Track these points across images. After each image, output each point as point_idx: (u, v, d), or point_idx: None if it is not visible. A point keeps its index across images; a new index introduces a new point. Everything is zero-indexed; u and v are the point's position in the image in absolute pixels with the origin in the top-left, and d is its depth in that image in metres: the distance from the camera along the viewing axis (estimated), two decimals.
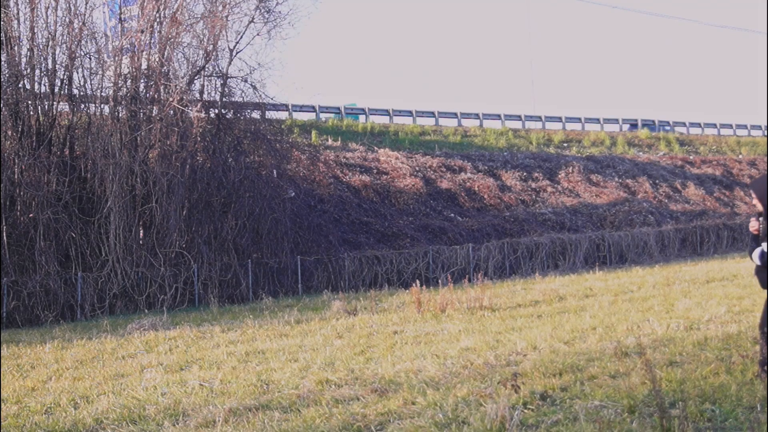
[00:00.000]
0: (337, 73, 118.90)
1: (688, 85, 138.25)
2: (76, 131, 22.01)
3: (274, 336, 13.21)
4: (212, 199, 22.05)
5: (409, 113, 39.75)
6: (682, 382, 7.64)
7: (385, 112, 39.32)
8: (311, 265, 23.18)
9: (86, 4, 22.05)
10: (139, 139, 21.24)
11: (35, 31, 21.25)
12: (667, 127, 47.87)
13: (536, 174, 35.01)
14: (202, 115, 22.21)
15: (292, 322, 14.87)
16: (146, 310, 19.22)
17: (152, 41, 22.05)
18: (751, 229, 7.74)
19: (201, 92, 23.28)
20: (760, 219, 7.71)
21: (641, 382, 7.60)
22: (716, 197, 38.83)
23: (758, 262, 7.49)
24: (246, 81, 23.55)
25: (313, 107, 36.50)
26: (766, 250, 7.53)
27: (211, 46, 22.86)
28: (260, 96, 23.80)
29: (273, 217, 22.67)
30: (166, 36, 22.09)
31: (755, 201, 7.72)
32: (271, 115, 26.50)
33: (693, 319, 12.32)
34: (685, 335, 10.80)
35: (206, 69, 23.07)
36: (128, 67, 21.98)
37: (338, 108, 37.95)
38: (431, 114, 40.57)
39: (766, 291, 7.53)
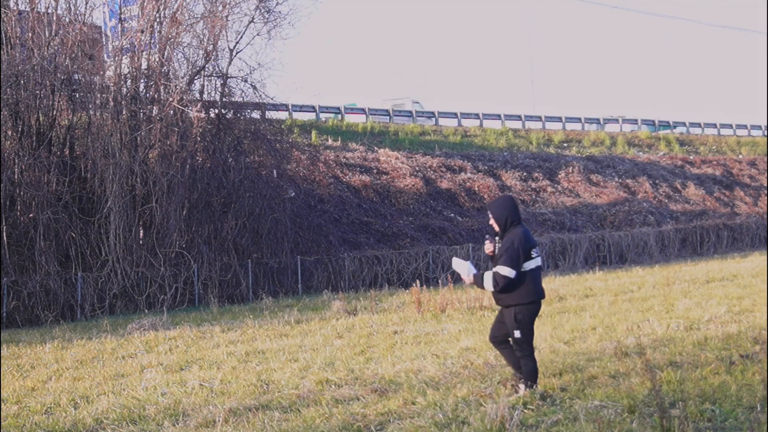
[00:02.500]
0: (337, 73, 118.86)
1: (688, 85, 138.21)
2: (76, 131, 22.00)
3: (274, 336, 13.21)
4: (212, 199, 22.04)
5: (409, 113, 39.73)
6: (682, 382, 7.65)
7: (385, 112, 39.30)
8: (311, 265, 23.17)
9: (86, 4, 22.07)
10: (139, 139, 21.23)
11: (35, 31, 21.23)
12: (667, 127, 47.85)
13: (536, 174, 35.00)
14: (202, 115, 22.19)
15: (292, 322, 14.87)
16: (146, 310, 19.21)
17: (152, 41, 22.03)
18: (486, 251, 7.73)
19: (201, 92, 23.27)
20: (496, 239, 7.67)
21: (641, 382, 7.61)
22: (716, 197, 38.81)
23: (491, 288, 7.48)
24: (246, 81, 23.54)
25: (313, 107, 36.47)
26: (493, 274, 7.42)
27: (211, 46, 22.85)
28: (260, 96, 23.79)
29: (273, 217, 22.66)
30: (166, 36, 22.08)
31: (492, 222, 7.69)
32: (271, 115, 26.47)
33: (693, 319, 12.33)
34: (685, 335, 10.81)
35: (206, 69, 23.06)
36: (128, 67, 21.97)
37: (338, 108, 37.91)
38: (431, 114, 40.56)
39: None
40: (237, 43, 23.43)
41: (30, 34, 21.15)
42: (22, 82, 20.69)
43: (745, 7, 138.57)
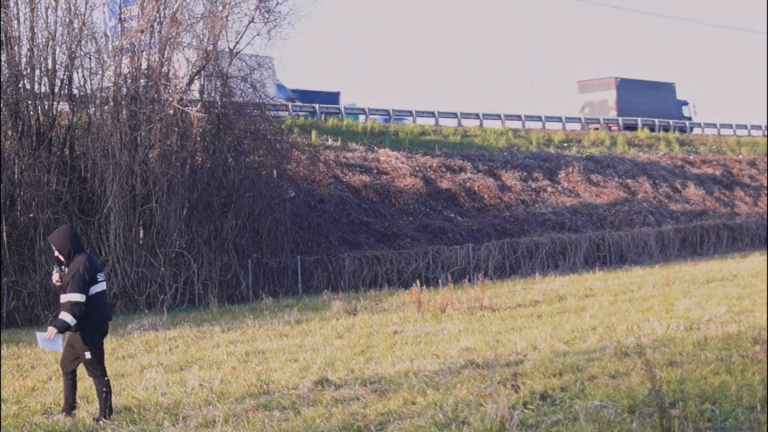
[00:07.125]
0: (337, 73, 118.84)
1: (688, 84, 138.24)
2: (76, 131, 21.99)
3: (274, 336, 13.21)
4: (212, 199, 22.04)
5: (409, 113, 39.71)
6: (682, 382, 7.65)
7: (385, 112, 39.29)
8: (311, 265, 23.17)
9: (86, 4, 22.01)
10: (139, 139, 21.23)
11: (35, 31, 21.22)
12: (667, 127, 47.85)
13: (536, 174, 35.00)
14: (202, 115, 22.20)
15: (292, 322, 14.88)
16: (146, 310, 19.21)
17: (152, 41, 22.02)
18: (53, 281, 8.09)
19: (201, 92, 23.27)
20: (62, 268, 8.02)
21: (641, 382, 7.61)
22: (716, 197, 38.81)
23: (72, 321, 7.77)
24: (246, 81, 23.54)
25: (313, 107, 36.49)
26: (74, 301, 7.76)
27: (211, 46, 22.85)
28: (260, 96, 23.79)
29: (273, 217, 22.65)
30: (166, 36, 22.07)
31: (56, 253, 8.07)
32: (271, 115, 26.44)
33: (693, 319, 12.34)
34: (685, 335, 10.82)
35: (206, 69, 23.06)
36: (128, 67, 21.96)
37: (338, 108, 37.92)
38: (431, 114, 40.53)
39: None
40: (237, 43, 23.48)
41: (30, 34, 21.15)
42: (22, 82, 20.69)
43: (745, 7, 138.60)
